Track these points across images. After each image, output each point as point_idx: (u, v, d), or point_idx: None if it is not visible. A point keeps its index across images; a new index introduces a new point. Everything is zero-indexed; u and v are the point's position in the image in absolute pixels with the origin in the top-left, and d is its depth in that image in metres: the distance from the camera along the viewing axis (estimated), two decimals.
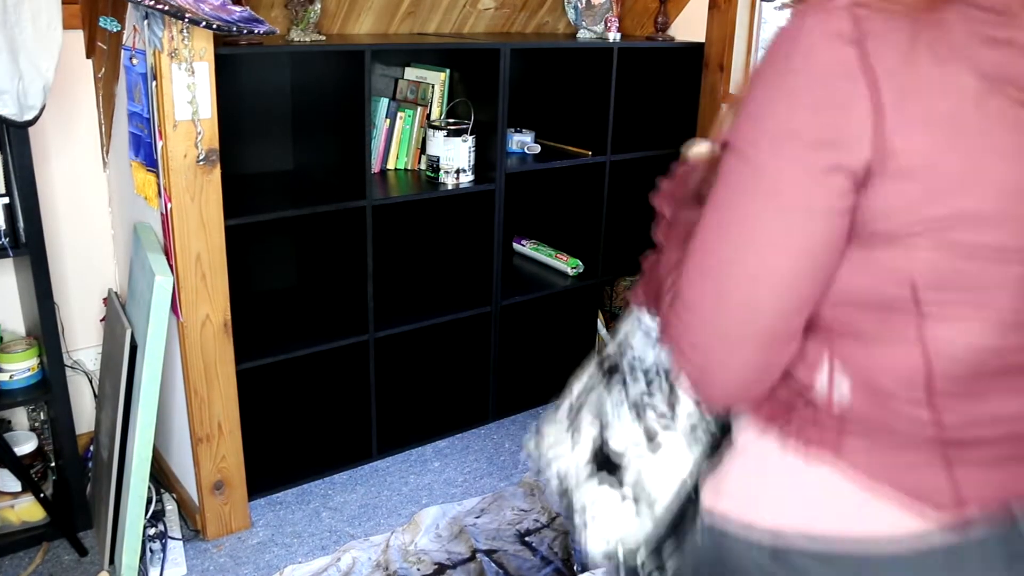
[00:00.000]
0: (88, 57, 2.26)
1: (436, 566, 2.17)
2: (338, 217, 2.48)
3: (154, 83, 1.88)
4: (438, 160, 2.58)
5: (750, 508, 0.78)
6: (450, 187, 2.58)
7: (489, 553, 2.22)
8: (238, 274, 2.45)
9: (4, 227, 1.97)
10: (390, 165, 2.75)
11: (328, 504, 2.43)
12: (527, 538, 2.30)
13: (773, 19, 2.89)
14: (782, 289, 0.69)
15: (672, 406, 0.90)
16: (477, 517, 2.37)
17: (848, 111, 0.64)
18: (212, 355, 2.11)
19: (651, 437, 0.91)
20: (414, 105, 2.73)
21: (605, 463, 0.94)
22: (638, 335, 0.96)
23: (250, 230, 2.53)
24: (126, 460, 2.03)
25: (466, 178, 2.60)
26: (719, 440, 0.86)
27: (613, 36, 2.84)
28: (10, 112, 1.81)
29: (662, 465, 0.89)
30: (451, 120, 2.66)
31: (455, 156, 2.56)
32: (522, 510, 2.42)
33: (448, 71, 2.75)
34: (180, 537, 2.23)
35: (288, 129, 2.66)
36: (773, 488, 0.76)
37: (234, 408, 2.20)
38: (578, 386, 1.04)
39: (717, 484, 0.82)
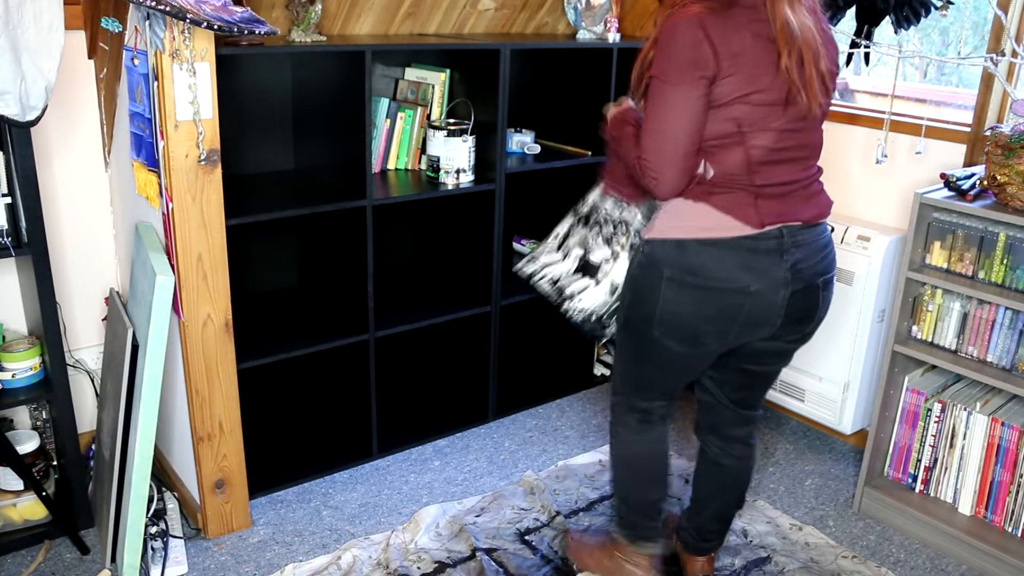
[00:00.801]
0: (90, 58, 2.27)
1: (436, 564, 2.18)
2: (338, 217, 2.49)
3: (155, 83, 1.89)
4: (438, 160, 2.58)
5: (666, 230, 1.68)
6: (450, 187, 2.59)
7: (489, 552, 2.23)
8: (239, 274, 2.46)
9: (6, 227, 1.98)
10: (390, 165, 2.75)
11: (329, 503, 2.44)
12: (527, 537, 2.30)
13: None
14: (684, 133, 1.57)
15: (626, 237, 1.82)
16: (477, 516, 2.38)
17: (702, 53, 1.51)
18: (213, 354, 2.12)
19: (615, 256, 1.84)
20: (414, 105, 2.73)
21: (586, 269, 1.87)
22: (609, 202, 1.85)
23: (251, 230, 2.54)
24: (127, 459, 2.04)
25: (466, 178, 2.61)
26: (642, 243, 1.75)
27: (613, 37, 2.85)
28: (12, 112, 1.82)
29: (621, 267, 1.83)
30: (451, 120, 2.66)
31: (455, 156, 2.57)
32: (522, 509, 2.43)
33: (448, 71, 2.75)
34: (181, 535, 2.23)
35: (289, 129, 2.67)
36: (678, 218, 1.66)
37: (235, 407, 2.21)
38: (561, 230, 1.93)
39: (649, 228, 1.73)
